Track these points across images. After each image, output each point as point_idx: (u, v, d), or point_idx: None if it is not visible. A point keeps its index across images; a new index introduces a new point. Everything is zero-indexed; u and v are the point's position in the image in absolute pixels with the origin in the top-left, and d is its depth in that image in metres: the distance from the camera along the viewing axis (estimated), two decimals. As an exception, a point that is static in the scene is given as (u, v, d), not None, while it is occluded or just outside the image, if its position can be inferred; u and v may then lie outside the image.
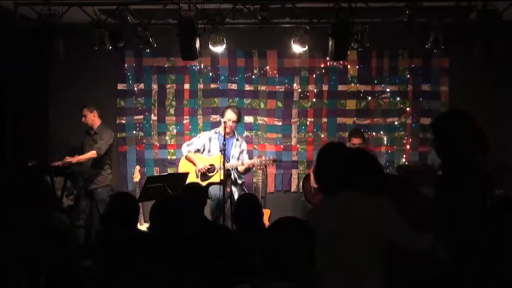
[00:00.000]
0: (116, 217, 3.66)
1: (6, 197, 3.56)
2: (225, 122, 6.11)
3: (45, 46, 5.74)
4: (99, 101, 6.83)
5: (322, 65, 7.29)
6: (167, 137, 7.41)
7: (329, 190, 2.87)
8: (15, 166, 6.41)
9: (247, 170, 6.41)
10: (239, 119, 6.37)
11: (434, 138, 3.32)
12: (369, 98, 7.30)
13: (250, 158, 6.62)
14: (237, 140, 6.47)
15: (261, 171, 6.60)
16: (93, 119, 6.61)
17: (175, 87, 7.39)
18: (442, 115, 3.44)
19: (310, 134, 7.35)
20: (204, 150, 6.45)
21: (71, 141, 6.98)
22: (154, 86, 7.40)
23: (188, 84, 7.39)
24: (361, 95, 7.31)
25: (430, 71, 7.24)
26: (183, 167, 6.48)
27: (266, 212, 6.18)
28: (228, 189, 6.13)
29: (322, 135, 7.34)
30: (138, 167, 7.08)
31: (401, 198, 2.97)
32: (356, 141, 6.43)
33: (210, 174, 6.28)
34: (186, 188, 4.90)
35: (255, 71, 7.35)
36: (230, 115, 6.24)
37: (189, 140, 6.79)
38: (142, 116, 7.40)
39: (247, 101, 7.35)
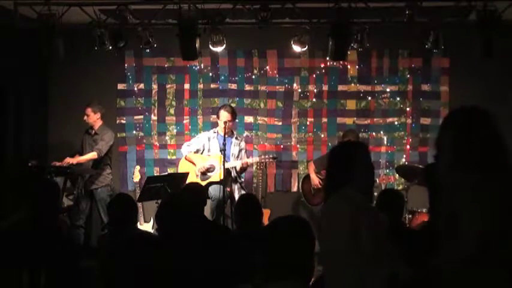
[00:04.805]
0: (115, 218, 3.66)
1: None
2: (225, 123, 6.10)
3: (45, 46, 5.73)
4: (99, 101, 6.81)
5: (322, 65, 7.29)
6: (167, 137, 7.41)
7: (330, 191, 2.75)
8: (15, 166, 6.40)
9: (244, 169, 6.38)
10: (234, 116, 6.35)
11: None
12: (369, 98, 7.30)
13: (250, 158, 6.62)
14: (236, 138, 6.47)
15: (260, 171, 6.60)
16: (95, 120, 6.57)
17: (175, 87, 7.39)
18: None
19: (310, 134, 7.35)
20: (203, 150, 6.44)
21: (71, 141, 6.97)
22: (154, 86, 7.40)
23: (188, 84, 7.39)
24: (361, 95, 7.30)
25: (430, 71, 7.24)
26: (183, 167, 6.48)
27: (266, 212, 6.18)
28: (228, 189, 6.13)
29: (322, 135, 7.33)
30: (138, 167, 7.09)
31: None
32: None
33: (210, 174, 6.28)
34: (186, 188, 4.90)
35: (255, 71, 7.34)
36: (224, 116, 6.22)
37: (189, 140, 6.80)
38: (142, 116, 7.40)
39: (247, 101, 7.35)
